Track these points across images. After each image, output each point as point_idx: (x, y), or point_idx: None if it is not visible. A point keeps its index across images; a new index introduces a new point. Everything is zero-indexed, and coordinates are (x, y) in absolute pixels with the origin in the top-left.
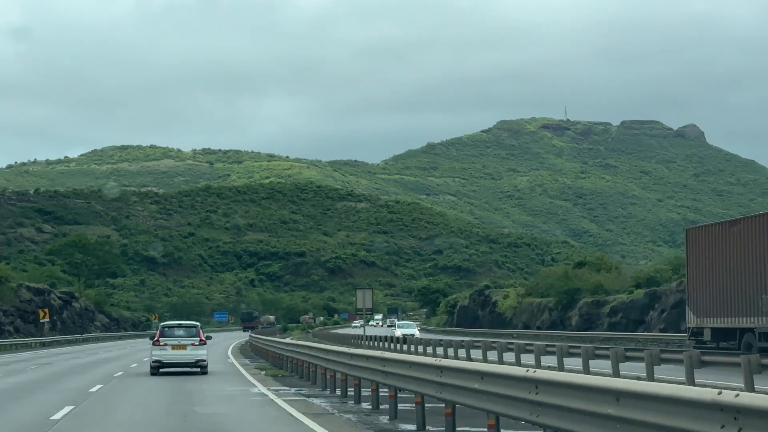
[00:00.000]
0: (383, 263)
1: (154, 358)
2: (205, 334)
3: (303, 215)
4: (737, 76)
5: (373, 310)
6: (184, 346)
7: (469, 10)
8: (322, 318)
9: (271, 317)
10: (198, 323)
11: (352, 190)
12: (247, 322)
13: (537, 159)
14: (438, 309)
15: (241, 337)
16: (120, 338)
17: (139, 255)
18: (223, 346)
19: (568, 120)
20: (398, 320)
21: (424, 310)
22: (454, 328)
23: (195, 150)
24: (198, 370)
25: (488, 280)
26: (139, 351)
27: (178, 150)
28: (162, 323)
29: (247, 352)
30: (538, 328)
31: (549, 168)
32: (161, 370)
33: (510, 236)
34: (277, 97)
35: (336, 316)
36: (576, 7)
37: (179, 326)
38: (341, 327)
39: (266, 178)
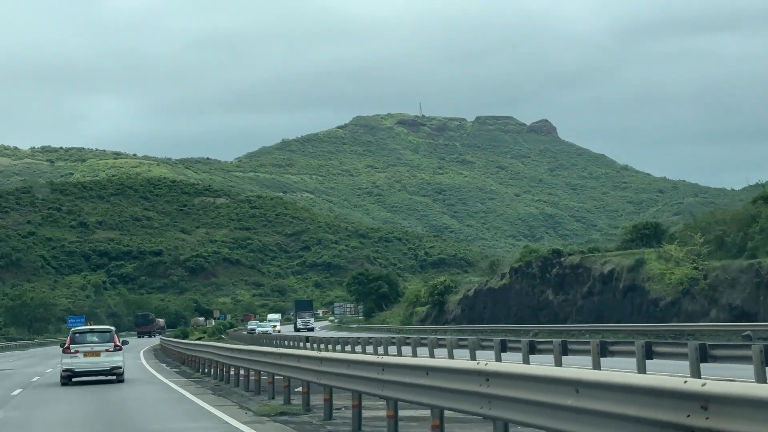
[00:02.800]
0: (249, 261)
1: (64, 367)
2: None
3: (157, 212)
4: (574, 73)
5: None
6: (97, 353)
7: (304, 3)
8: (213, 320)
9: (161, 321)
10: (113, 328)
11: (209, 185)
12: (143, 327)
13: (394, 155)
14: (406, 298)
15: (138, 346)
16: None
17: None
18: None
19: (423, 116)
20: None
21: (350, 305)
22: (471, 326)
23: (33, 148)
24: (114, 378)
25: (556, 245)
26: None
27: (15, 148)
28: (72, 329)
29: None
30: None
31: (406, 164)
32: (74, 379)
33: (380, 231)
34: (113, 94)
35: (230, 317)
36: (414, 2)
37: (91, 331)
38: (241, 329)
39: (114, 176)
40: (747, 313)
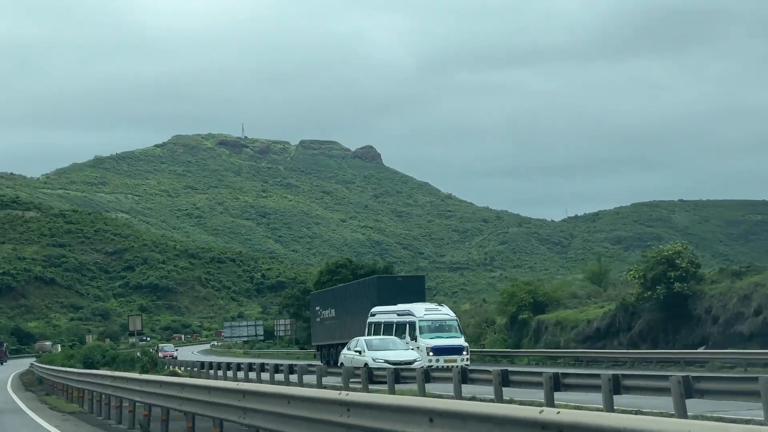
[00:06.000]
0: (65, 281)
1: None
2: None
3: None
4: (387, 101)
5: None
6: None
7: (96, 14)
8: (59, 345)
9: (4, 344)
10: None
11: (17, 197)
12: None
13: (215, 176)
14: (502, 299)
15: None
16: None
17: None
18: None
19: (245, 138)
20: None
21: (284, 321)
22: None
23: None
24: None
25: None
26: None
27: None
28: None
29: None
30: None
31: (229, 186)
32: None
33: (212, 251)
34: None
35: (86, 340)
36: (221, 19)
37: None
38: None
39: None
40: None
